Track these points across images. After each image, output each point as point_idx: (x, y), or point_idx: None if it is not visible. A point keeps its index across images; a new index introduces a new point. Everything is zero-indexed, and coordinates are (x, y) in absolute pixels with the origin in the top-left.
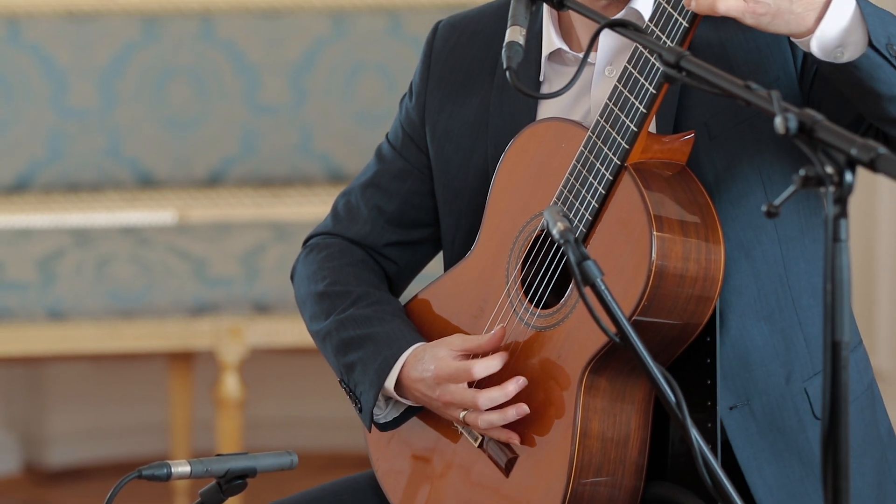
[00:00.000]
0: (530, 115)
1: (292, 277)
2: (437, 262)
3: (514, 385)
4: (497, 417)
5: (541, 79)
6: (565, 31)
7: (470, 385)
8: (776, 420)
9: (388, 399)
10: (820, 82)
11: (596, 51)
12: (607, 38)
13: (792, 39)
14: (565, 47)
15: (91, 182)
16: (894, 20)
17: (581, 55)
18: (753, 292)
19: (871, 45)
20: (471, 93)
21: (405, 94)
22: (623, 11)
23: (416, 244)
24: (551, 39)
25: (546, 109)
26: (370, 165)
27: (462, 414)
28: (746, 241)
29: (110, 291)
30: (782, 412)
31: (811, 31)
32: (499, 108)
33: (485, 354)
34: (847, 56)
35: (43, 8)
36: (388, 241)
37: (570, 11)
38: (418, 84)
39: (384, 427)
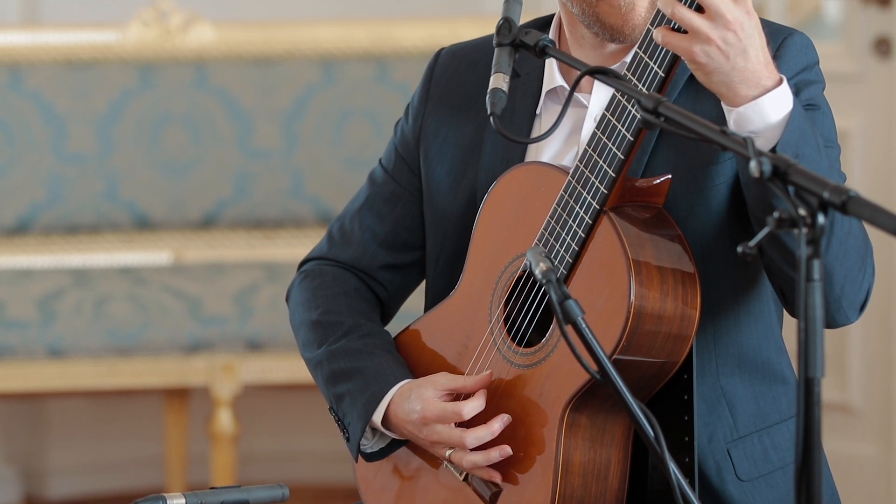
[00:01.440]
0: (522, 147)
1: (287, 300)
2: (419, 298)
3: (499, 423)
4: (481, 458)
5: (537, 111)
6: (566, 70)
7: (457, 424)
8: (699, 473)
9: (374, 430)
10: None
11: (590, 93)
12: (605, 87)
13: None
14: (565, 84)
15: (89, 224)
16: (814, 144)
17: (581, 94)
18: None
19: (773, 150)
20: (467, 118)
21: (400, 118)
22: (617, 65)
23: (407, 268)
24: (553, 76)
25: (537, 145)
26: (363, 189)
27: (448, 453)
28: None
29: (108, 329)
30: (704, 468)
31: (738, 105)
32: (493, 136)
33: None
34: (757, 145)
35: (43, 56)
36: (380, 264)
37: (571, 51)
38: (416, 106)
39: (370, 457)
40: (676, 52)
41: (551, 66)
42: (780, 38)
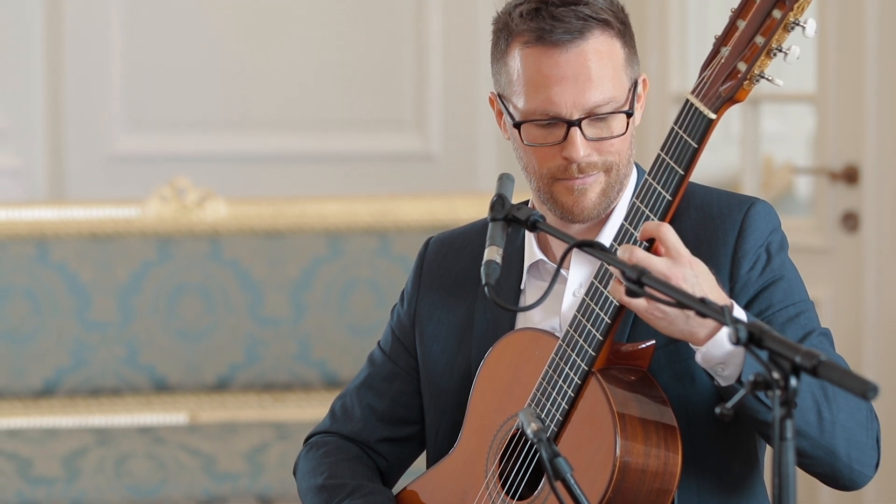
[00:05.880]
0: (510, 322)
1: (295, 473)
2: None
3: None
4: None
5: (522, 287)
6: (545, 246)
7: None
8: None
9: None
10: None
11: (567, 269)
12: (582, 265)
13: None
14: (545, 258)
15: (111, 387)
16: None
17: (562, 269)
18: None
19: (738, 380)
20: (458, 301)
21: (396, 303)
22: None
23: (405, 441)
24: (533, 252)
25: (523, 318)
26: (363, 369)
27: None
28: None
29: (128, 485)
30: None
31: (702, 344)
32: (482, 315)
33: None
34: (728, 373)
35: (69, 230)
36: (379, 437)
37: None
38: (410, 292)
39: None
40: (636, 312)
41: (530, 242)
42: (744, 209)
